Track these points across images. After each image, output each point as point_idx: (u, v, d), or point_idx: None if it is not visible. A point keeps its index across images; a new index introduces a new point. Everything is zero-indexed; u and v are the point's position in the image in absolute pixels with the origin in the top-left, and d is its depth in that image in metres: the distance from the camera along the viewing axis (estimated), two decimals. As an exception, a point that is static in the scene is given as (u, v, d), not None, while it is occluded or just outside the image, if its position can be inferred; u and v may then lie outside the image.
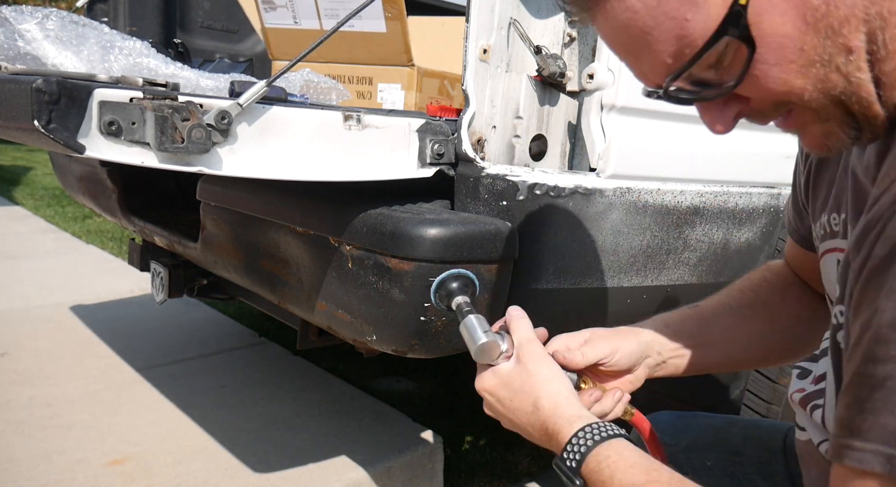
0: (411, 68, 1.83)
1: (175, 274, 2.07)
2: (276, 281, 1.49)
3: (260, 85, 0.99)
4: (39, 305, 3.26)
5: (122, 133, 0.92)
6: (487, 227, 1.16)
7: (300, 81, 1.50)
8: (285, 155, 1.06)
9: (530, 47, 1.23)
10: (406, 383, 2.78)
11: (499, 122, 1.23)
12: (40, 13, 1.44)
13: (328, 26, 1.66)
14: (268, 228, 1.44)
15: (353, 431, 2.19)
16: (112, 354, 2.74)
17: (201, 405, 2.33)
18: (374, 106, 1.88)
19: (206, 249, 1.73)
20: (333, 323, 1.34)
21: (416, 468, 2.08)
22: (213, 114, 0.96)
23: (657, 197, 1.36)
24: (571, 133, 1.33)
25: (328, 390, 2.51)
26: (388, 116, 1.15)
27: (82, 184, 2.43)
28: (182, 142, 0.92)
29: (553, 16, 1.27)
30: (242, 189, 1.50)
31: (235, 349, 2.89)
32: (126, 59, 1.45)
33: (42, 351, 2.72)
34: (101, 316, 3.18)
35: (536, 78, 1.25)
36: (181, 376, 2.57)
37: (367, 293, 1.20)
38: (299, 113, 1.07)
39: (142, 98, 0.94)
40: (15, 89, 0.91)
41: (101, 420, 2.19)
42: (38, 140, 0.91)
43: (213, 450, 2.04)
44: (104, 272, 3.95)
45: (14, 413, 2.20)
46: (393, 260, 1.15)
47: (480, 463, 2.24)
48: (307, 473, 1.94)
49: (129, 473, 1.90)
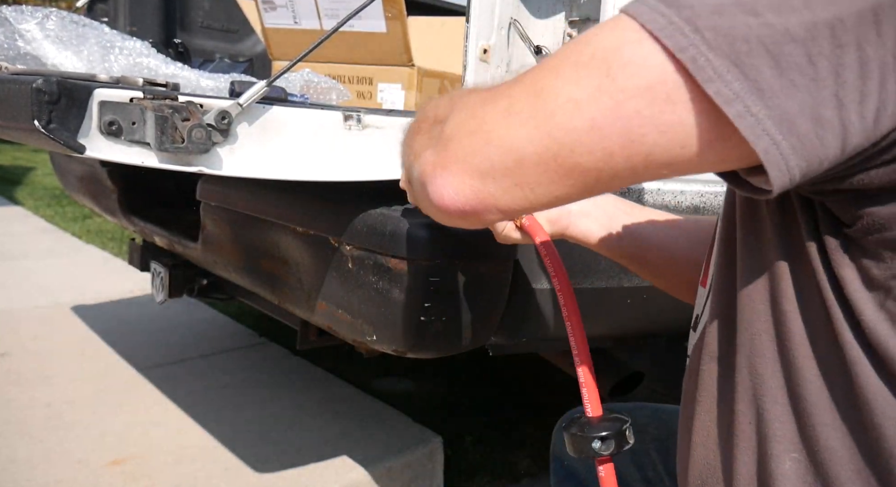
0: (411, 68, 1.83)
1: (175, 274, 2.07)
2: (276, 281, 1.49)
3: (260, 85, 0.99)
4: (39, 305, 3.26)
5: (123, 133, 0.92)
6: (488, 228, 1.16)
7: (300, 81, 1.50)
8: (285, 155, 1.05)
9: (530, 47, 1.23)
10: (406, 383, 2.78)
11: (499, 122, 1.23)
12: (40, 13, 1.44)
13: (328, 26, 1.66)
14: (268, 228, 1.44)
15: (353, 431, 2.19)
16: (112, 354, 2.74)
17: (201, 405, 2.33)
18: (374, 106, 1.88)
19: (206, 249, 1.73)
20: (333, 323, 1.34)
21: (416, 468, 2.08)
22: (213, 114, 0.96)
23: (657, 197, 1.36)
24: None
25: (328, 390, 2.51)
26: (388, 116, 1.15)
27: (82, 184, 2.43)
28: (182, 142, 0.92)
29: (553, 16, 1.27)
30: (242, 189, 1.50)
31: (235, 349, 2.89)
32: (126, 59, 1.45)
33: (42, 351, 2.72)
34: (101, 316, 3.18)
35: (536, 78, 1.25)
36: (181, 376, 2.57)
37: (367, 293, 1.20)
38: (299, 113, 1.07)
39: (142, 98, 0.94)
40: (15, 89, 0.91)
41: (101, 420, 2.19)
42: (38, 140, 0.91)
43: (213, 450, 2.04)
44: (104, 272, 3.95)
45: (14, 413, 2.20)
46: (393, 261, 1.15)
47: (480, 463, 2.24)
48: (307, 473, 1.94)
49: (129, 473, 1.90)
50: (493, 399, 2.75)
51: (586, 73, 0.48)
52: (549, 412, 1.48)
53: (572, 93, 0.48)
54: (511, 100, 0.51)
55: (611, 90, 0.47)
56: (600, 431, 0.85)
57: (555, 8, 1.26)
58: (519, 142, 0.50)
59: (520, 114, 0.50)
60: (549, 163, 0.50)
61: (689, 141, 0.47)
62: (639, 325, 1.51)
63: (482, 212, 0.54)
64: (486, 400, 2.74)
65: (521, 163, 0.51)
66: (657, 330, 1.57)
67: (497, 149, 0.51)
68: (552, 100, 0.49)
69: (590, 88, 0.48)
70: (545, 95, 0.49)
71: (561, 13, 1.27)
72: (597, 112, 0.47)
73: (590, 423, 0.86)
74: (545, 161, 0.50)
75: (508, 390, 2.84)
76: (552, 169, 0.50)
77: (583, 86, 0.48)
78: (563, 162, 0.50)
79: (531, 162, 0.50)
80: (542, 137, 0.49)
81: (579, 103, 0.48)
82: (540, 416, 2.50)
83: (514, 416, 2.55)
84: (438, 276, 1.15)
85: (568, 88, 0.48)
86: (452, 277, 1.16)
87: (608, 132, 0.48)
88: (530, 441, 2.36)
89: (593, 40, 0.49)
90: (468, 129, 0.53)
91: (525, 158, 0.50)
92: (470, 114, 0.54)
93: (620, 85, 0.47)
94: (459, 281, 1.17)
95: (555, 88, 0.49)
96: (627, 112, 0.47)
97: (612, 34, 0.48)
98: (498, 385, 2.87)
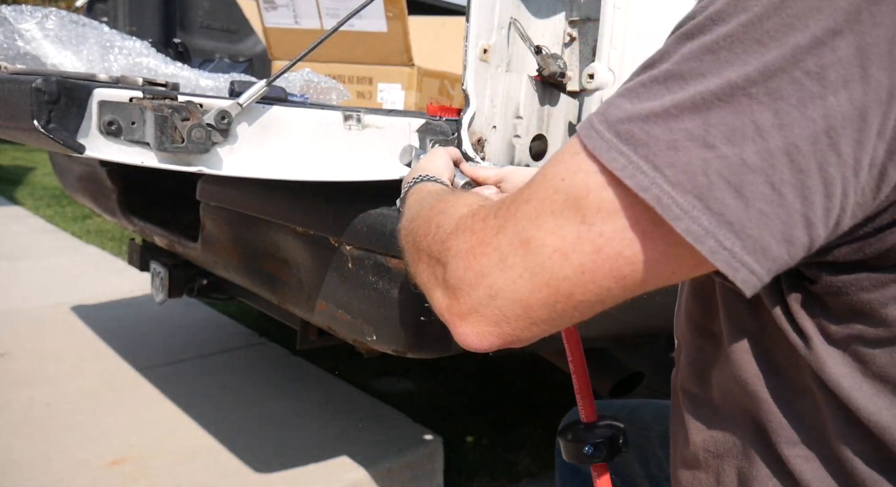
0: (411, 68, 1.83)
1: (175, 274, 2.07)
2: (276, 281, 1.49)
3: (260, 85, 0.98)
4: (39, 305, 3.26)
5: (122, 133, 0.92)
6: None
7: (300, 81, 1.50)
8: (285, 155, 1.05)
9: (530, 47, 1.22)
10: (406, 383, 2.78)
11: (499, 122, 1.22)
12: (40, 13, 1.44)
13: (329, 26, 1.66)
14: (268, 228, 1.44)
15: (353, 431, 2.19)
16: (112, 354, 2.74)
17: (201, 405, 2.33)
18: (374, 106, 1.88)
19: (206, 249, 1.73)
20: (333, 323, 1.34)
21: (416, 468, 2.08)
22: (212, 113, 0.96)
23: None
24: (572, 133, 1.33)
25: (328, 390, 2.51)
26: (388, 116, 1.15)
27: (82, 184, 2.43)
28: (182, 141, 0.92)
29: (553, 15, 1.27)
30: (242, 189, 1.50)
31: (235, 349, 2.89)
32: (126, 58, 1.45)
33: (42, 351, 2.72)
34: (101, 316, 3.18)
35: (537, 78, 1.25)
36: (181, 376, 2.57)
37: (367, 293, 1.20)
38: (299, 113, 1.07)
39: (141, 98, 0.94)
40: (15, 89, 0.90)
41: (101, 421, 2.19)
42: (38, 140, 0.91)
43: (213, 450, 2.04)
44: (104, 272, 3.95)
45: (14, 413, 2.20)
46: (393, 261, 1.15)
47: (480, 463, 2.24)
48: (307, 473, 1.94)
49: (129, 473, 1.90)
50: (493, 399, 2.75)
51: (563, 222, 0.50)
52: (549, 412, 1.48)
53: (556, 244, 0.51)
54: (501, 253, 0.54)
55: (590, 236, 0.49)
56: (593, 438, 0.85)
57: (555, 8, 1.25)
58: (521, 295, 0.53)
59: (514, 268, 0.53)
60: (554, 305, 0.53)
61: (677, 271, 0.50)
62: (638, 325, 1.51)
63: (509, 345, 0.58)
64: (486, 400, 2.73)
65: (529, 310, 0.54)
66: (657, 330, 1.57)
67: (503, 302, 0.54)
68: (540, 252, 0.51)
69: (571, 237, 0.50)
70: (532, 248, 0.52)
71: (561, 13, 1.27)
72: (584, 259, 0.50)
73: (584, 429, 0.86)
74: (550, 304, 0.53)
75: (508, 390, 2.84)
76: (559, 308, 0.53)
77: (564, 237, 0.50)
78: (566, 302, 0.52)
79: (538, 306, 0.53)
80: (541, 287, 0.52)
81: (566, 253, 0.50)
82: (540, 416, 2.50)
83: (514, 416, 2.55)
84: (438, 276, 1.15)
85: (551, 240, 0.51)
86: (452, 277, 1.16)
87: (599, 275, 0.50)
88: (530, 441, 2.36)
89: (561, 185, 0.51)
90: (469, 282, 0.56)
91: (531, 305, 0.53)
92: (465, 264, 0.56)
93: (598, 230, 0.49)
94: (459, 281, 1.17)
95: (539, 240, 0.52)
96: (611, 254, 0.49)
97: (577, 177, 0.50)
98: (498, 385, 2.87)
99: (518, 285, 0.53)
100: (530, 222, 0.52)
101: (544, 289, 0.52)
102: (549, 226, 0.51)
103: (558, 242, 0.50)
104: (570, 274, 0.50)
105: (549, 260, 0.51)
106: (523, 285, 0.52)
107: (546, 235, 0.51)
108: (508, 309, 0.54)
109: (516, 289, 0.53)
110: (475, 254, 0.56)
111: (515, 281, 0.53)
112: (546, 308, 0.53)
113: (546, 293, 0.52)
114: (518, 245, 0.53)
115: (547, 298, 0.52)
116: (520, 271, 0.52)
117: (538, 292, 0.52)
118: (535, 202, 0.52)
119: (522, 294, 0.53)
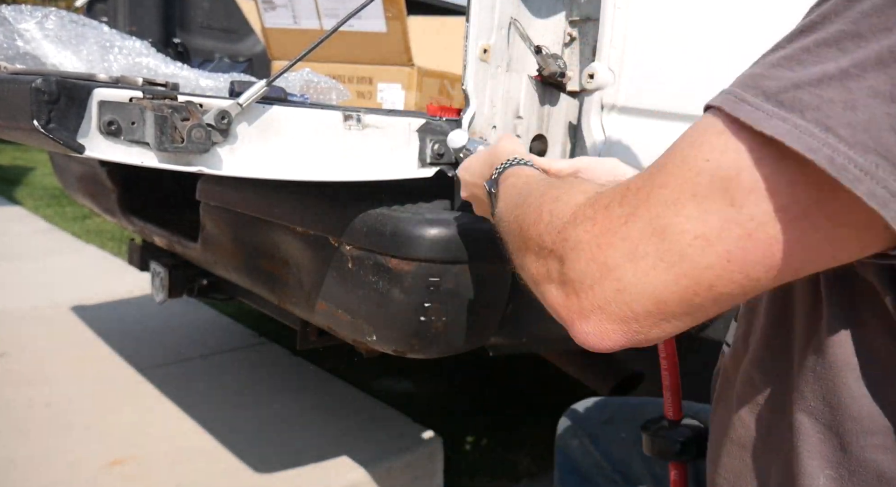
0: (411, 68, 1.83)
1: (175, 274, 2.07)
2: (276, 281, 1.49)
3: (260, 84, 0.98)
4: (39, 305, 3.26)
5: (122, 133, 0.92)
6: (488, 227, 1.16)
7: (300, 81, 1.50)
8: (285, 155, 1.05)
9: (530, 47, 1.22)
10: (406, 383, 2.78)
11: (499, 122, 1.22)
12: (39, 13, 1.44)
13: (328, 26, 1.66)
14: (268, 228, 1.44)
15: (353, 431, 2.18)
16: (112, 354, 2.74)
17: (201, 405, 2.33)
18: (374, 106, 1.88)
19: (206, 249, 1.72)
20: (333, 323, 1.34)
21: (416, 468, 2.08)
22: (212, 113, 0.96)
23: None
24: (572, 133, 1.33)
25: (328, 390, 2.51)
26: (388, 116, 1.15)
27: (82, 184, 2.43)
28: (182, 142, 0.92)
29: (553, 15, 1.27)
30: (242, 189, 1.50)
31: (235, 349, 2.89)
32: (126, 58, 1.45)
33: (42, 351, 2.72)
34: (101, 316, 3.18)
35: (537, 78, 1.25)
36: (181, 376, 2.57)
37: (367, 293, 1.20)
38: (299, 113, 1.07)
39: (141, 98, 0.94)
40: (14, 89, 0.90)
41: (101, 420, 2.19)
42: (38, 140, 0.91)
43: (213, 450, 2.04)
44: (104, 272, 3.95)
45: (14, 413, 2.20)
46: (393, 260, 1.15)
47: (480, 463, 2.24)
48: (307, 473, 1.94)
49: (129, 473, 1.90)
50: (493, 399, 2.75)
51: (708, 206, 0.46)
52: (549, 412, 1.48)
53: (698, 230, 0.46)
54: (631, 243, 0.49)
55: (740, 219, 0.45)
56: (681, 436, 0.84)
57: (555, 8, 1.25)
58: (654, 288, 0.49)
59: (646, 258, 0.48)
60: (692, 299, 0.48)
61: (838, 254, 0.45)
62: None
63: (635, 345, 0.54)
64: (486, 400, 2.74)
65: (662, 304, 0.49)
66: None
67: (633, 297, 0.50)
68: (678, 240, 0.47)
69: (717, 223, 0.46)
70: (669, 236, 0.47)
71: (561, 13, 1.27)
72: (731, 245, 0.45)
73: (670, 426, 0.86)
74: (686, 299, 0.49)
75: (508, 390, 2.84)
76: (697, 302, 0.49)
77: (709, 222, 0.46)
78: (705, 294, 0.48)
79: (672, 302, 0.49)
80: (678, 279, 0.48)
81: (709, 240, 0.46)
82: (540, 416, 2.50)
83: (514, 416, 2.55)
84: (438, 276, 1.15)
85: (692, 225, 0.46)
86: (452, 277, 1.16)
87: (747, 262, 0.46)
88: (530, 441, 2.36)
89: (705, 166, 0.46)
90: (592, 276, 0.51)
91: (664, 300, 0.49)
92: (588, 256, 0.52)
93: (748, 213, 0.44)
94: (459, 282, 1.17)
95: (678, 226, 0.47)
96: (763, 239, 0.45)
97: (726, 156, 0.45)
98: (498, 385, 2.87)
99: (651, 277, 0.48)
100: (666, 208, 0.48)
101: (682, 280, 0.47)
102: (690, 211, 0.46)
103: (701, 228, 0.46)
104: (714, 263, 0.46)
105: (690, 247, 0.47)
106: (657, 277, 0.48)
107: (685, 221, 0.47)
108: (638, 305, 0.50)
109: (649, 282, 0.48)
110: (599, 245, 0.51)
111: (648, 272, 0.48)
112: (682, 302, 0.49)
113: (684, 284, 0.48)
114: (651, 233, 0.48)
115: (684, 291, 0.48)
116: (653, 261, 0.48)
117: (674, 284, 0.48)
118: (673, 186, 0.48)
119: (656, 287, 0.48)
